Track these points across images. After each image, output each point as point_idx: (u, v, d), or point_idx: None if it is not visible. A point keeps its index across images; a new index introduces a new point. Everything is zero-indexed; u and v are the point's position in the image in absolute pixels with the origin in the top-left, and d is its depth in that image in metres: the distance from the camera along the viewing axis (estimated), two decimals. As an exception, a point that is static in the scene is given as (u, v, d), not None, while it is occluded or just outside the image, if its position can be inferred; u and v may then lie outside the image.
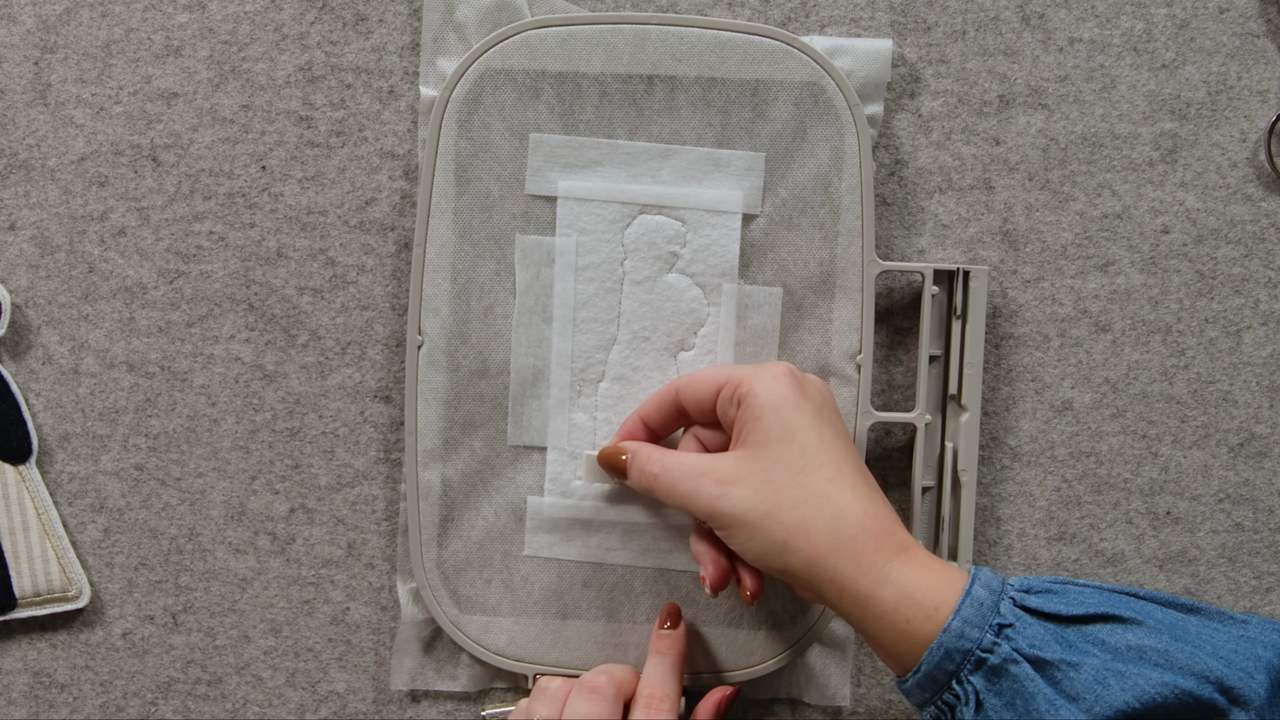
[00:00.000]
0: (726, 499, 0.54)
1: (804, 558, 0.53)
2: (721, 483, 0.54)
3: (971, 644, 0.51)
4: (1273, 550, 0.64)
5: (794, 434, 0.54)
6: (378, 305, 0.64)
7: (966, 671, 0.51)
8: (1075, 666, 0.50)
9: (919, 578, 0.52)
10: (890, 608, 0.52)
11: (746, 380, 0.56)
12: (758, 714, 0.65)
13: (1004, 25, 0.63)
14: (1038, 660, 0.50)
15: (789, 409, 0.55)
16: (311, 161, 0.63)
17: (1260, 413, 0.64)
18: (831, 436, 0.55)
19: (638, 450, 0.58)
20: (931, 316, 0.62)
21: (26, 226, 0.64)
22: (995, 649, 0.50)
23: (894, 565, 0.52)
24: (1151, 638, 0.51)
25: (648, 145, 0.61)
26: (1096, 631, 0.51)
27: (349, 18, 0.63)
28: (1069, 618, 0.51)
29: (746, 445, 0.55)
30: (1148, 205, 0.63)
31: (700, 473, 0.55)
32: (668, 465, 0.56)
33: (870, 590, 0.52)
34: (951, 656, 0.51)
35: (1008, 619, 0.51)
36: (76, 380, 0.64)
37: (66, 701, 0.65)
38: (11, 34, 0.63)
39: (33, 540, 0.64)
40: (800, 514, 0.53)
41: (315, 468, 0.64)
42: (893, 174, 0.63)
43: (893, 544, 0.53)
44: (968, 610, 0.51)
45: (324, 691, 0.65)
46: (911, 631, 0.52)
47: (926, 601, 0.51)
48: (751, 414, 0.55)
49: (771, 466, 0.54)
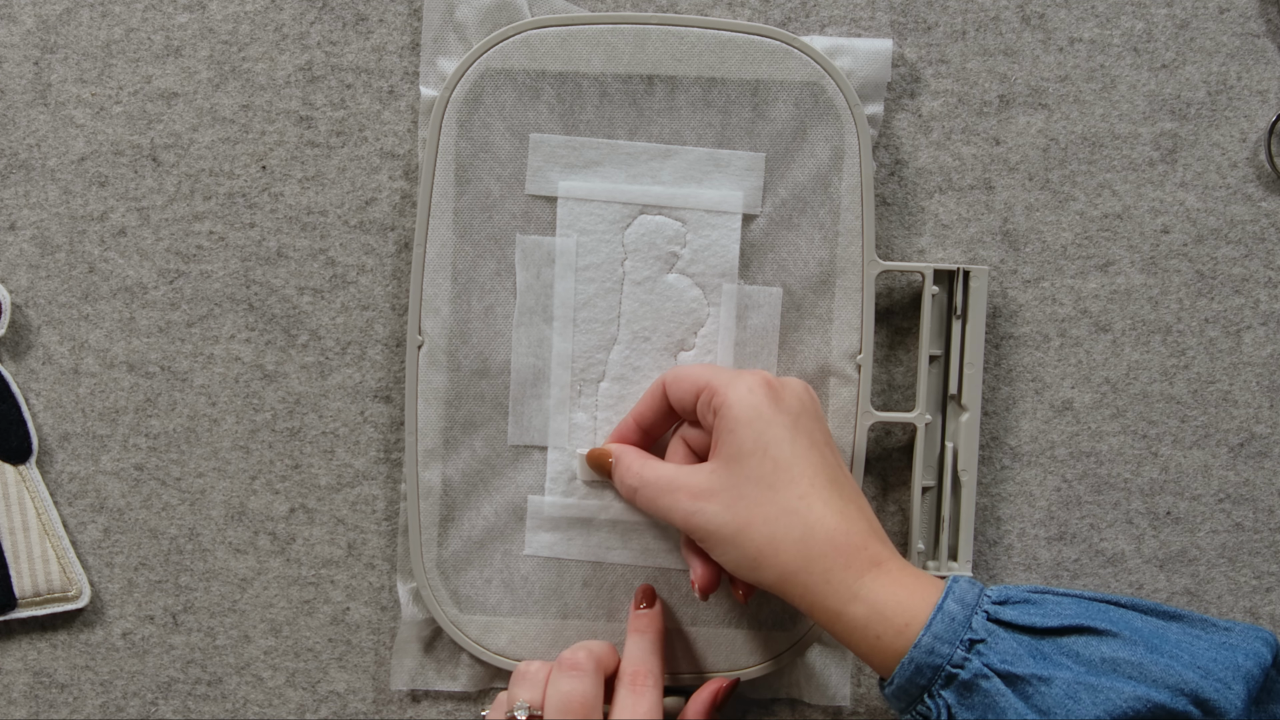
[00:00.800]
0: (701, 514, 0.55)
1: (775, 574, 0.54)
2: (695, 497, 0.55)
3: (941, 659, 0.51)
4: (1273, 550, 0.64)
5: (766, 448, 0.54)
6: (378, 305, 0.64)
7: (938, 686, 0.51)
8: (1047, 681, 0.50)
9: (890, 594, 0.52)
10: (860, 624, 0.52)
11: (722, 389, 0.56)
12: (758, 714, 0.65)
13: (1004, 25, 0.63)
14: (1009, 675, 0.50)
15: (761, 422, 0.55)
16: (311, 161, 0.63)
17: (1260, 413, 0.64)
18: (806, 449, 0.55)
19: (620, 457, 0.59)
20: (931, 316, 0.62)
21: (26, 226, 0.64)
22: (966, 664, 0.51)
23: (864, 581, 0.53)
24: (1126, 650, 0.51)
25: (648, 145, 0.61)
26: (1071, 644, 0.51)
27: (349, 18, 0.63)
28: (1044, 630, 0.52)
29: (720, 457, 0.55)
30: (1148, 205, 0.63)
31: (676, 487, 0.56)
32: (645, 478, 0.57)
33: (840, 607, 0.53)
34: (922, 671, 0.51)
35: (979, 634, 0.51)
36: (76, 380, 0.64)
37: (66, 701, 0.65)
38: (11, 34, 0.63)
39: (33, 540, 0.64)
40: (770, 531, 0.54)
41: (315, 468, 0.64)
42: (893, 174, 0.63)
43: (864, 559, 0.53)
44: (938, 626, 0.51)
45: (324, 691, 0.65)
46: (882, 647, 0.52)
47: (897, 618, 0.52)
48: (726, 425, 0.55)
49: (743, 482, 0.54)
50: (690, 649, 0.63)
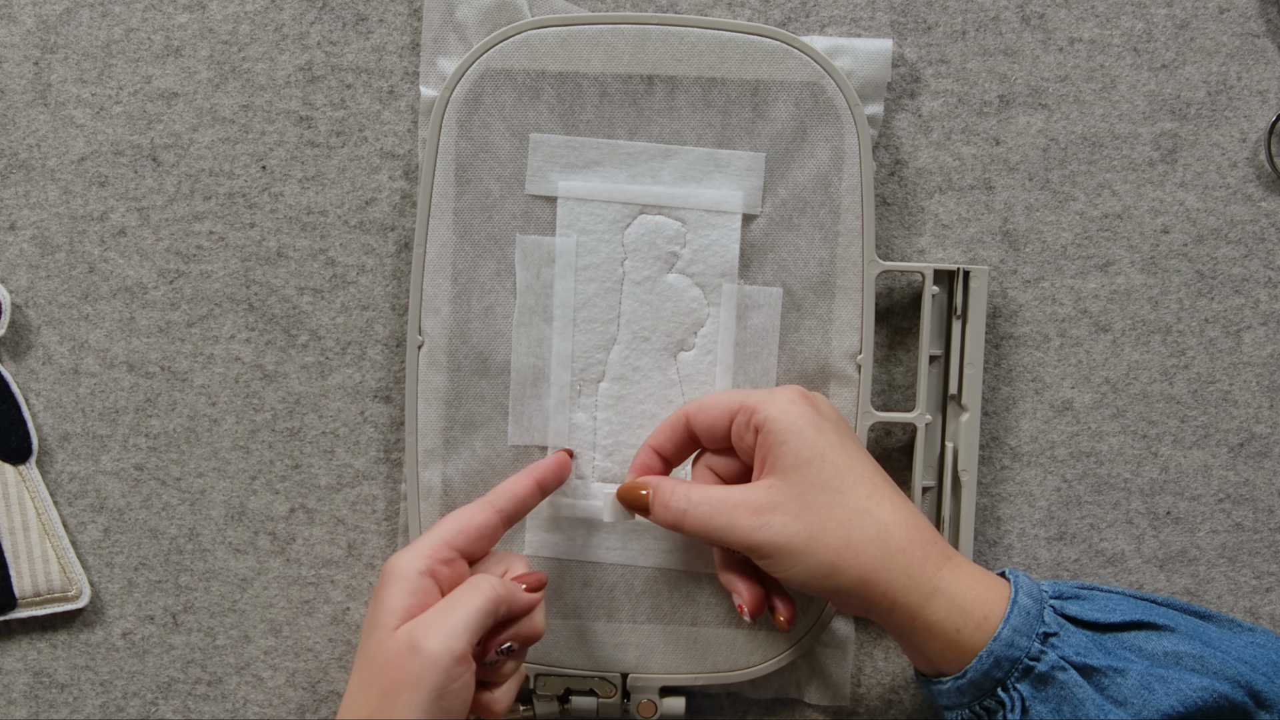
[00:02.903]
0: (767, 528, 0.53)
1: (854, 576, 0.53)
2: (759, 512, 0.53)
3: (1020, 652, 0.51)
4: (1273, 550, 0.64)
5: (823, 454, 0.54)
6: (378, 305, 0.64)
7: (1014, 679, 0.52)
8: (1121, 673, 0.51)
9: (967, 586, 0.53)
10: (941, 617, 0.52)
11: (761, 406, 0.55)
12: (758, 714, 0.65)
13: (1004, 25, 0.63)
14: (1085, 667, 0.51)
15: (812, 430, 0.54)
16: (311, 161, 0.63)
17: (1260, 413, 0.64)
18: (856, 451, 0.55)
19: (659, 486, 0.56)
20: (931, 316, 0.62)
21: (26, 226, 0.64)
22: (1042, 657, 0.51)
23: (942, 574, 0.53)
24: (1185, 644, 0.52)
25: (648, 145, 0.61)
26: (1132, 639, 0.53)
27: (349, 18, 0.63)
28: (1107, 625, 0.53)
29: (776, 472, 0.54)
30: (1148, 205, 0.63)
31: (733, 505, 0.54)
32: (695, 500, 0.55)
33: (921, 601, 0.53)
34: (1000, 664, 0.52)
35: (1052, 627, 0.52)
36: (76, 380, 0.64)
37: (66, 701, 0.65)
38: (11, 34, 0.63)
39: (33, 540, 0.64)
40: (845, 533, 0.53)
41: (315, 468, 0.64)
42: (893, 174, 0.63)
43: (937, 553, 0.53)
44: (1016, 619, 0.52)
45: (324, 691, 0.65)
46: (961, 640, 0.52)
47: (976, 610, 0.52)
48: (774, 439, 0.54)
49: (807, 490, 0.54)
50: (690, 649, 0.63)
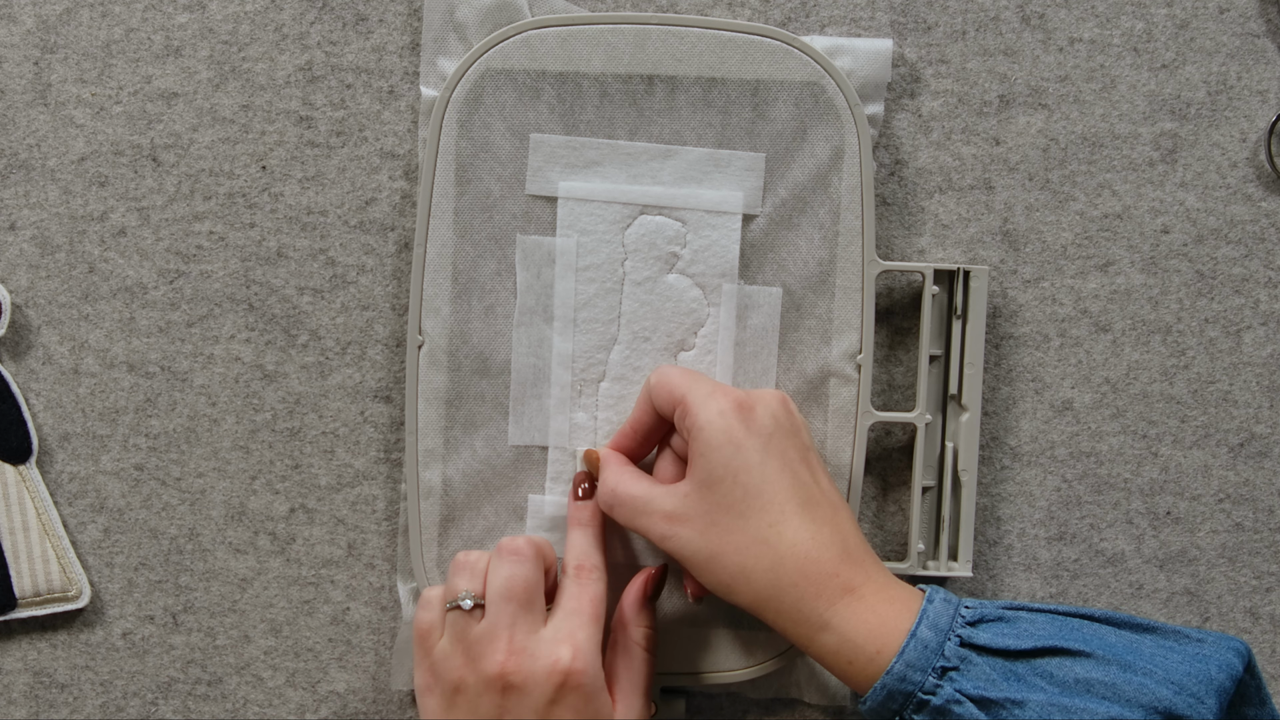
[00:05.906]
0: (675, 539, 0.55)
1: (746, 601, 0.54)
2: (670, 521, 0.55)
3: (913, 686, 0.52)
4: (1273, 550, 0.64)
5: (736, 474, 0.54)
6: (378, 305, 0.64)
7: (910, 710, 0.52)
8: (1020, 704, 0.50)
9: (861, 621, 0.53)
10: (831, 650, 0.53)
11: (694, 410, 0.56)
12: (758, 714, 0.65)
13: (1004, 25, 0.63)
14: (982, 700, 0.51)
15: (731, 447, 0.55)
16: (311, 161, 0.63)
17: (1260, 413, 0.64)
18: (777, 472, 0.55)
19: (605, 467, 0.59)
20: (931, 316, 0.62)
21: (26, 226, 0.64)
22: (937, 691, 0.51)
23: (836, 610, 0.53)
24: (1099, 670, 0.51)
25: (648, 145, 0.61)
26: (1045, 665, 0.52)
27: (349, 18, 0.63)
28: (1017, 652, 0.52)
29: (694, 480, 0.55)
30: (1148, 205, 0.63)
31: (650, 510, 0.56)
32: (620, 497, 0.57)
33: (810, 635, 0.53)
34: (894, 697, 0.52)
35: (952, 661, 0.52)
36: (76, 380, 0.64)
37: (66, 701, 0.65)
38: (11, 34, 0.63)
39: (33, 540, 0.64)
40: (740, 560, 0.54)
41: (315, 468, 0.64)
42: (893, 174, 0.63)
43: (835, 587, 0.53)
44: (911, 654, 0.52)
45: (324, 691, 0.65)
46: (854, 673, 0.53)
47: (868, 646, 0.52)
48: (697, 449, 0.55)
49: (714, 508, 0.55)
50: (689, 649, 0.63)
